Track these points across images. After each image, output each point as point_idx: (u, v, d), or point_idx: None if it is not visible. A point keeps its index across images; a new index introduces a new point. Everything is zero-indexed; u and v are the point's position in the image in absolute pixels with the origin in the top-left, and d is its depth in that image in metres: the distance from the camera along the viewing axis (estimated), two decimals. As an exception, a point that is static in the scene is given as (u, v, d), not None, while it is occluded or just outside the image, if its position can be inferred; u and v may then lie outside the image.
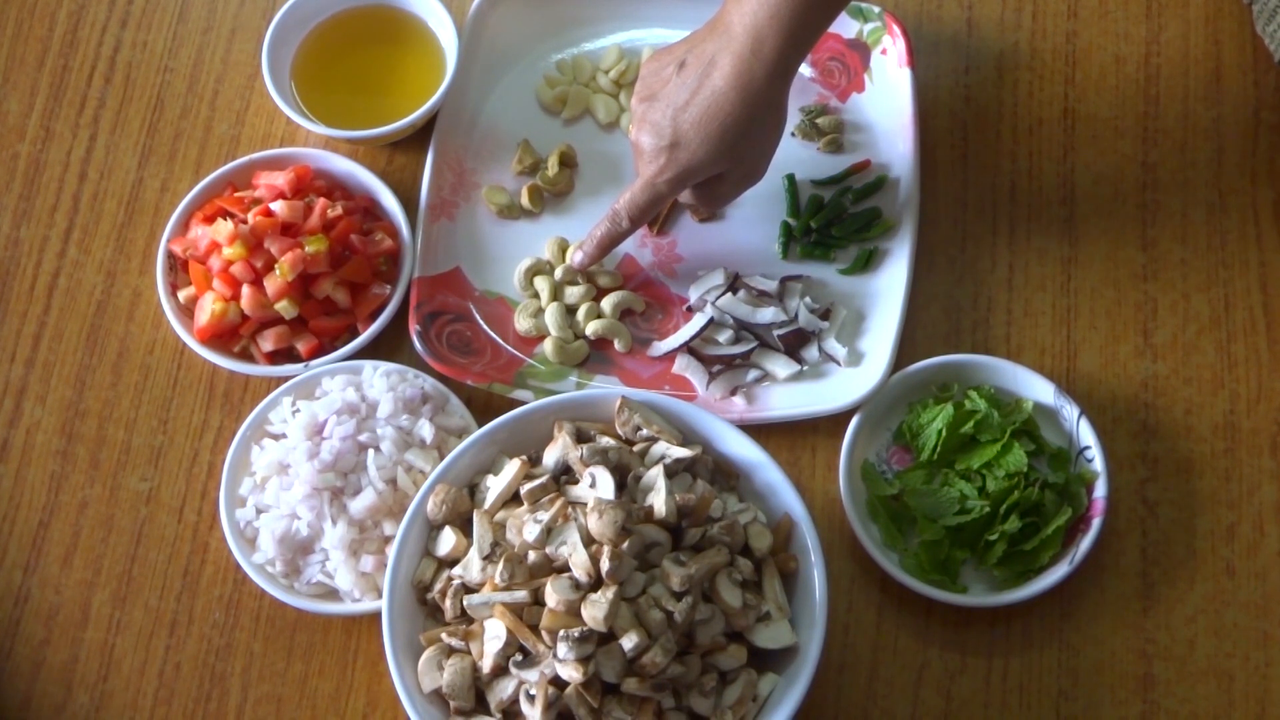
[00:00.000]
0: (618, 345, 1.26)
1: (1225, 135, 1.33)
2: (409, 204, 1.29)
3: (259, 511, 1.17)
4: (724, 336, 1.25)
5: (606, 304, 1.27)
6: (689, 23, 1.36)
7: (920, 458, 1.19)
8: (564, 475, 1.09)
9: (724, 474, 1.11)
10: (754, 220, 1.31)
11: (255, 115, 1.37)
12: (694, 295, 1.27)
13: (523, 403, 1.17)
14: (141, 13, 1.42)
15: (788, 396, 1.23)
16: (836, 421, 1.20)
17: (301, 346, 1.23)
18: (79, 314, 1.29)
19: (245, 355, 1.25)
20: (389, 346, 1.25)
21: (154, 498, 1.23)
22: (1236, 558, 1.18)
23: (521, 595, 1.02)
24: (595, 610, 0.99)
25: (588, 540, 1.02)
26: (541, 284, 1.27)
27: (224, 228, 1.23)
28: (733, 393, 1.23)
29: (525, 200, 1.31)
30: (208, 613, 1.19)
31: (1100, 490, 1.16)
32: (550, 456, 1.10)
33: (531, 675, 1.01)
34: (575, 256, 1.26)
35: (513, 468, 1.09)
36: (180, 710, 1.16)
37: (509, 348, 1.26)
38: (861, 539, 1.15)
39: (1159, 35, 1.37)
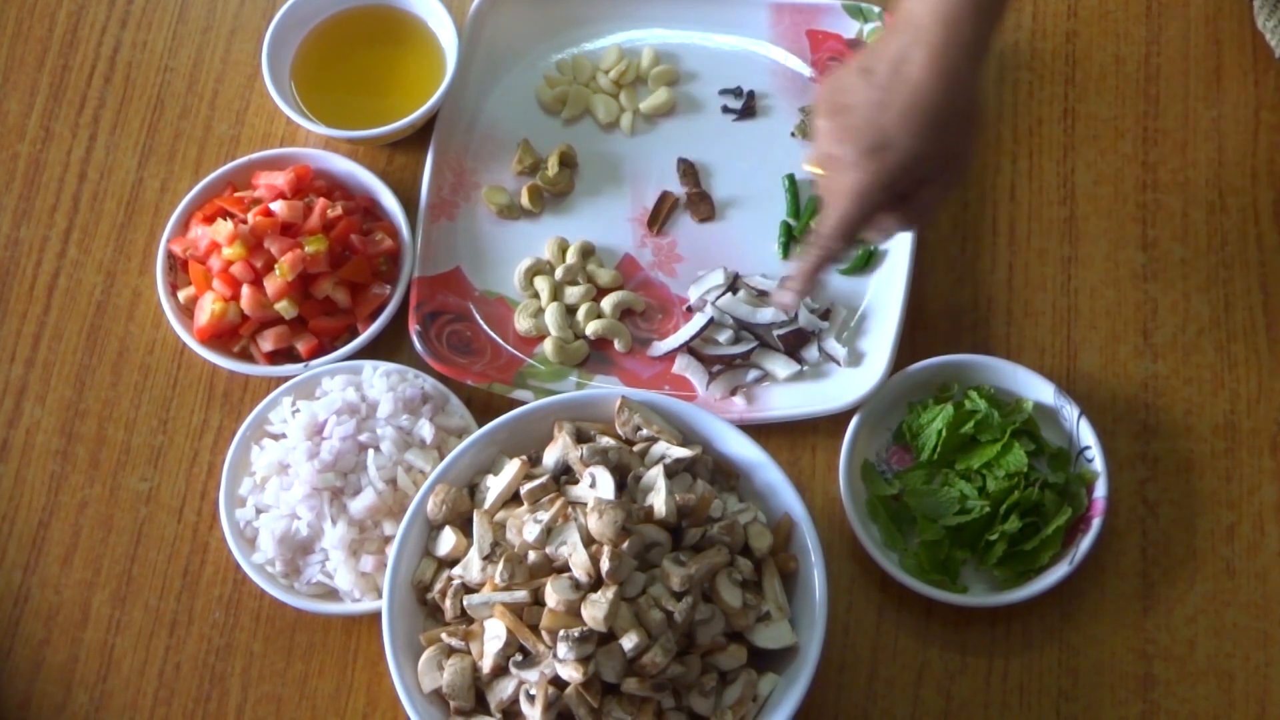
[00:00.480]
0: (618, 345, 1.26)
1: (1225, 135, 1.33)
2: (409, 204, 1.29)
3: (259, 511, 1.17)
4: (724, 336, 1.25)
5: (606, 304, 1.26)
6: (689, 23, 1.36)
7: (920, 458, 1.19)
8: (564, 475, 1.09)
9: (724, 474, 1.11)
10: (754, 220, 1.31)
11: (255, 115, 1.37)
12: (694, 295, 1.27)
13: (523, 403, 1.17)
14: (141, 13, 1.42)
15: (788, 396, 1.23)
16: (836, 421, 1.20)
17: (301, 346, 1.23)
18: (79, 314, 1.29)
19: (245, 355, 1.24)
20: (389, 346, 1.25)
21: (154, 498, 1.23)
22: (1236, 558, 1.18)
23: (521, 595, 1.02)
24: (595, 610, 0.98)
25: (588, 540, 1.02)
26: (541, 284, 1.27)
27: (224, 228, 1.23)
28: (733, 393, 1.23)
29: (525, 200, 1.31)
30: (208, 613, 1.19)
31: (1100, 490, 1.16)
32: (550, 456, 1.09)
33: (531, 675, 1.00)
34: (784, 297, 1.18)
35: (513, 468, 1.09)
36: (180, 710, 1.16)
37: (509, 348, 1.26)
38: (861, 539, 1.15)
39: (1159, 35, 1.37)
